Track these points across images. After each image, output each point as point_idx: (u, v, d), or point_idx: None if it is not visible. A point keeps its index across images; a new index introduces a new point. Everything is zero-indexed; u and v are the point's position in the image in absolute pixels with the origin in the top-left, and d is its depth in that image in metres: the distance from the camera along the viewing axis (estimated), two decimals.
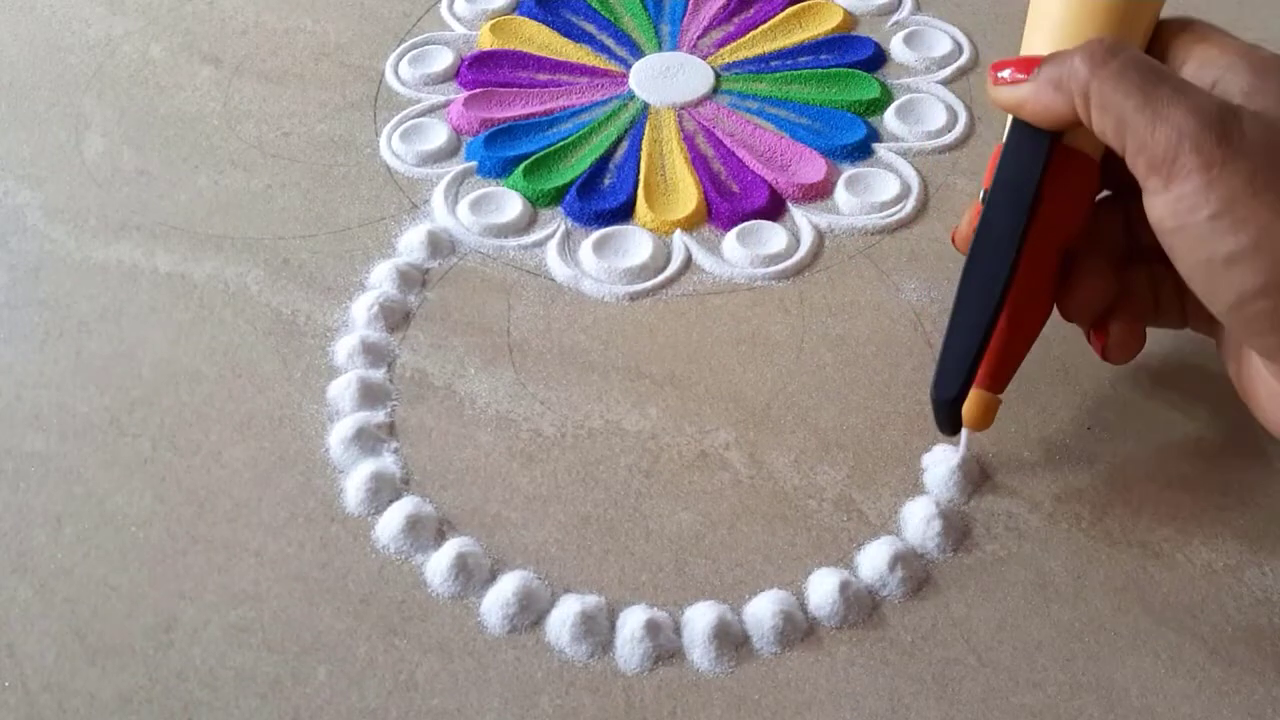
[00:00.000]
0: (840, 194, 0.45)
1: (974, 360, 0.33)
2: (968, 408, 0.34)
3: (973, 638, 0.32)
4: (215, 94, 0.50)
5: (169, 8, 0.55)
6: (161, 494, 0.36)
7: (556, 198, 0.45)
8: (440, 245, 0.43)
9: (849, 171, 0.46)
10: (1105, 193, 0.34)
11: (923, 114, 0.48)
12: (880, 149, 0.47)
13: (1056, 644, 0.32)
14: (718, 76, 0.50)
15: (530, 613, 0.33)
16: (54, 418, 0.38)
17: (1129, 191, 0.30)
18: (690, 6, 0.54)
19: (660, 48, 0.52)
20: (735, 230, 0.43)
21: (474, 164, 0.47)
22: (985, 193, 0.33)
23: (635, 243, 0.43)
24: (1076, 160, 0.32)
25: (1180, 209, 0.26)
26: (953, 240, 0.36)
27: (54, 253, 0.43)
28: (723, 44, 0.52)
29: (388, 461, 0.36)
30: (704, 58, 0.51)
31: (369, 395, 0.38)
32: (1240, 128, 0.26)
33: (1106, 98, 0.28)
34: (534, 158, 0.46)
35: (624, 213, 0.44)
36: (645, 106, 0.49)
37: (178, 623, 0.33)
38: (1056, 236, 0.33)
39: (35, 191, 0.46)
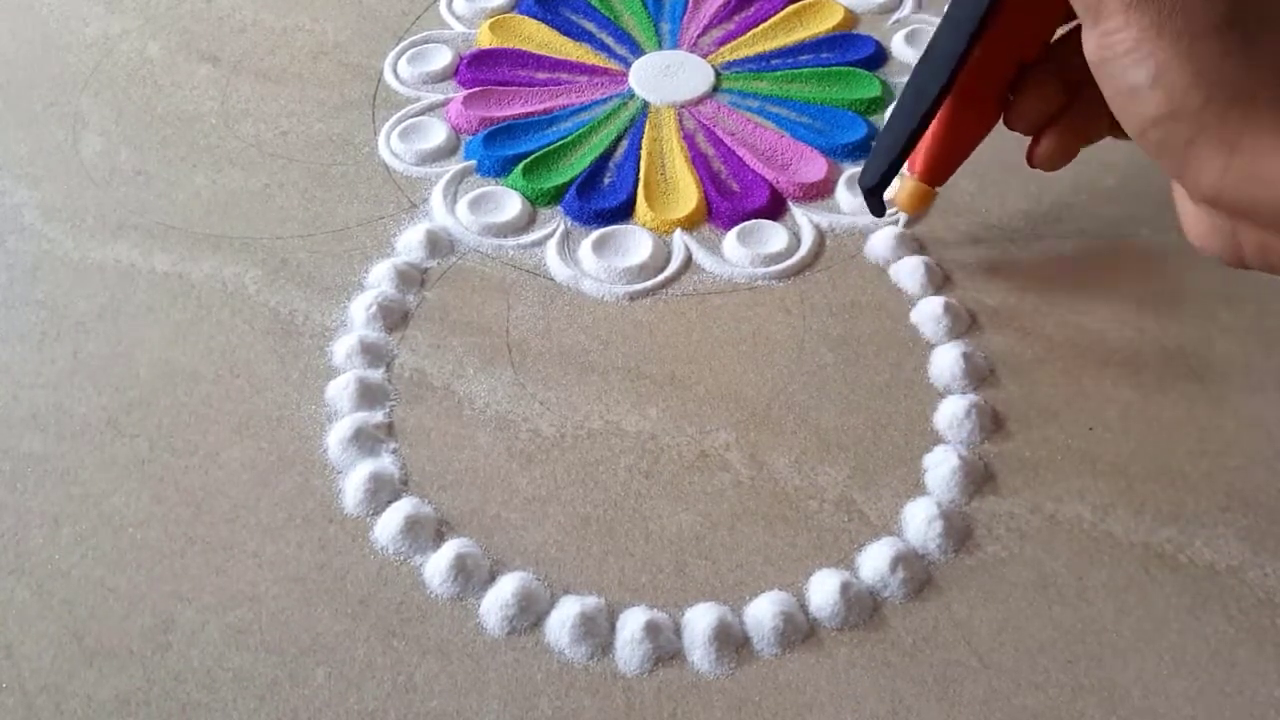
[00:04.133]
0: (841, 193, 0.45)
1: (896, 158, 0.37)
2: (901, 192, 0.39)
3: (974, 639, 0.32)
4: (213, 93, 0.50)
5: (167, 6, 0.55)
6: (159, 495, 0.36)
7: (556, 197, 0.45)
8: (439, 245, 0.43)
9: (850, 170, 0.46)
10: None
11: None
12: None
13: (1058, 645, 0.32)
14: (718, 75, 0.50)
15: (529, 614, 0.33)
16: (51, 418, 0.38)
17: None
18: (690, 4, 0.54)
19: (660, 46, 0.52)
20: (736, 229, 0.43)
21: (473, 163, 0.46)
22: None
23: (635, 242, 0.43)
24: None
25: (1104, 44, 0.29)
26: None
27: (51, 252, 0.43)
28: (723, 42, 0.52)
29: (386, 462, 0.36)
30: (704, 56, 0.51)
31: (367, 395, 0.38)
32: None
33: None
34: (533, 156, 0.46)
35: (624, 212, 0.44)
36: (645, 105, 0.49)
37: (175, 624, 0.33)
38: (1013, 49, 0.34)
39: (32, 191, 0.45)
